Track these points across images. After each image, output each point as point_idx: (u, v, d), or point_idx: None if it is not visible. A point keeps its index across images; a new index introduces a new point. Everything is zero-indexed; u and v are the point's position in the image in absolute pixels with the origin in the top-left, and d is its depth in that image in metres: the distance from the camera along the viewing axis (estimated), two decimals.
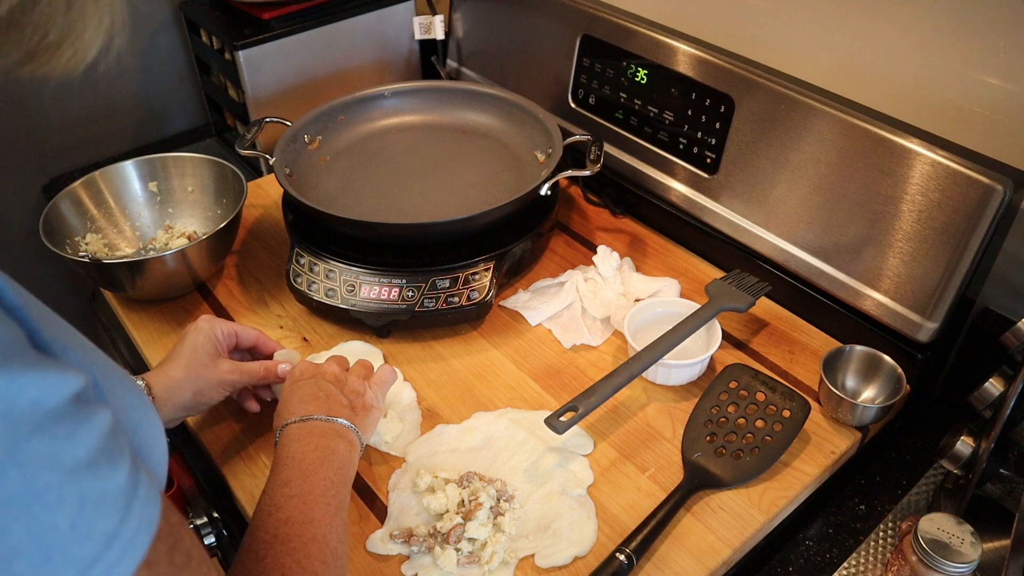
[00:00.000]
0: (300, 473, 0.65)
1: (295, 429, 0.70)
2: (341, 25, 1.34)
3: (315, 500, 0.62)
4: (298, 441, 0.69)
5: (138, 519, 0.35)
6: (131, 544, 0.34)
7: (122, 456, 0.36)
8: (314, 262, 0.96)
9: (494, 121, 1.16)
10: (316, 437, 0.69)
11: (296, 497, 0.62)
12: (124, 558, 0.34)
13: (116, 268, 0.94)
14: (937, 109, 0.86)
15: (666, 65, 1.03)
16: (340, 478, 0.67)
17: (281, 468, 0.66)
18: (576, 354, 0.94)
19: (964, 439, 0.75)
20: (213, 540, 0.87)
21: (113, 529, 0.34)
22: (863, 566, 0.76)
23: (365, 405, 0.76)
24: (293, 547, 0.57)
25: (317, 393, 0.74)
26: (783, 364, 0.92)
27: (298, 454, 0.67)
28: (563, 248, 1.10)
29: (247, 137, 1.06)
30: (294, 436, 0.69)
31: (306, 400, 0.73)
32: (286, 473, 0.65)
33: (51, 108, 1.40)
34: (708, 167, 1.02)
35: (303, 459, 0.66)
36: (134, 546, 0.34)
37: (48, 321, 0.39)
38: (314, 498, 0.63)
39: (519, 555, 0.72)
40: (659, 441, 0.83)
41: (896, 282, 0.85)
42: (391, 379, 0.82)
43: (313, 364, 0.79)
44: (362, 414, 0.75)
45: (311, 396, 0.73)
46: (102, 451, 0.34)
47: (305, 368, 0.78)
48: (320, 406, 0.72)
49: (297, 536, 0.58)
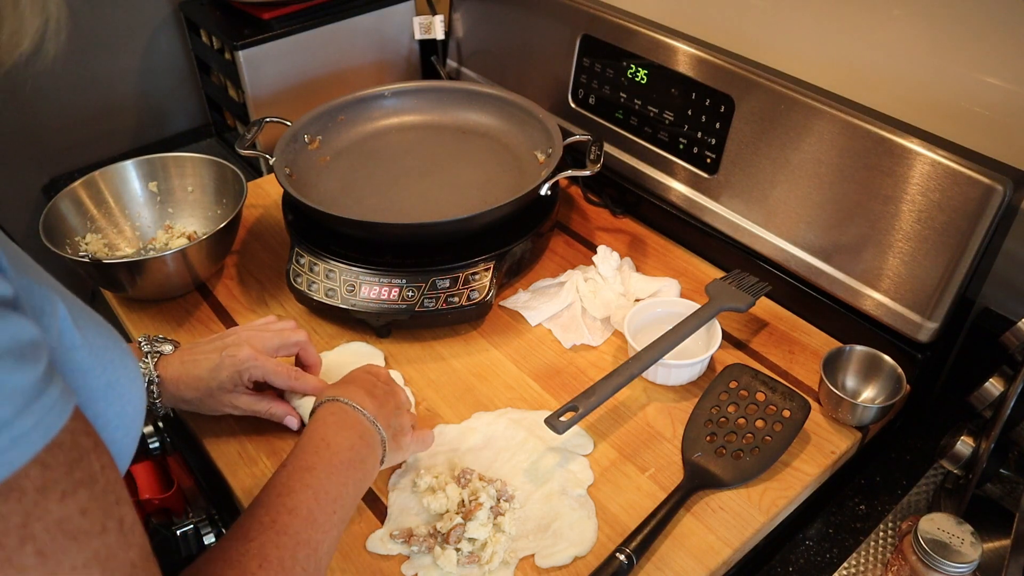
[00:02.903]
0: (327, 465, 0.62)
1: (344, 411, 0.68)
2: (341, 25, 1.34)
3: (327, 502, 0.60)
4: (340, 430, 0.66)
5: (34, 420, 0.36)
6: (21, 438, 0.35)
7: (35, 363, 0.36)
8: (314, 262, 0.96)
9: (494, 121, 1.16)
10: (356, 436, 0.67)
11: (311, 489, 0.60)
12: (12, 448, 0.35)
13: (116, 268, 0.94)
14: (937, 109, 0.86)
15: (666, 65, 1.03)
16: (356, 491, 0.65)
17: (311, 450, 0.63)
18: (576, 354, 0.94)
19: (964, 439, 0.75)
20: (213, 540, 0.87)
21: (5, 418, 0.35)
22: (863, 566, 0.76)
23: (400, 443, 0.74)
24: (284, 541, 0.55)
25: (375, 392, 0.72)
26: (783, 364, 0.92)
27: (335, 444, 0.65)
28: (563, 248, 1.10)
29: (247, 137, 1.06)
30: (339, 420, 0.67)
31: (366, 391, 0.72)
32: (314, 458, 0.63)
33: (51, 108, 1.40)
34: (708, 167, 1.02)
35: (337, 452, 0.64)
36: (25, 441, 0.35)
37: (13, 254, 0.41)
38: (328, 500, 0.60)
39: (519, 555, 0.72)
40: (659, 441, 0.83)
41: (896, 282, 0.85)
42: (428, 444, 0.80)
43: (389, 377, 0.78)
44: (394, 443, 0.73)
45: (371, 392, 0.72)
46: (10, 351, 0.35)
47: (383, 372, 0.77)
48: (374, 406, 0.71)
49: (294, 532, 0.56)
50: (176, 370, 0.79)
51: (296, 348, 0.85)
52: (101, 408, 0.44)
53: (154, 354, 0.80)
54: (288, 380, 0.81)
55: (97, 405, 0.44)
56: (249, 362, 0.78)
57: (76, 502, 0.37)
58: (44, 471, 0.36)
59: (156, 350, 0.81)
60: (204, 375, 0.79)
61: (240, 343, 0.80)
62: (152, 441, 0.97)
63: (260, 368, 0.79)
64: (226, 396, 0.80)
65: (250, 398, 0.81)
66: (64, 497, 0.37)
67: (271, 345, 0.82)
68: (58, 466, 0.37)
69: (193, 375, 0.79)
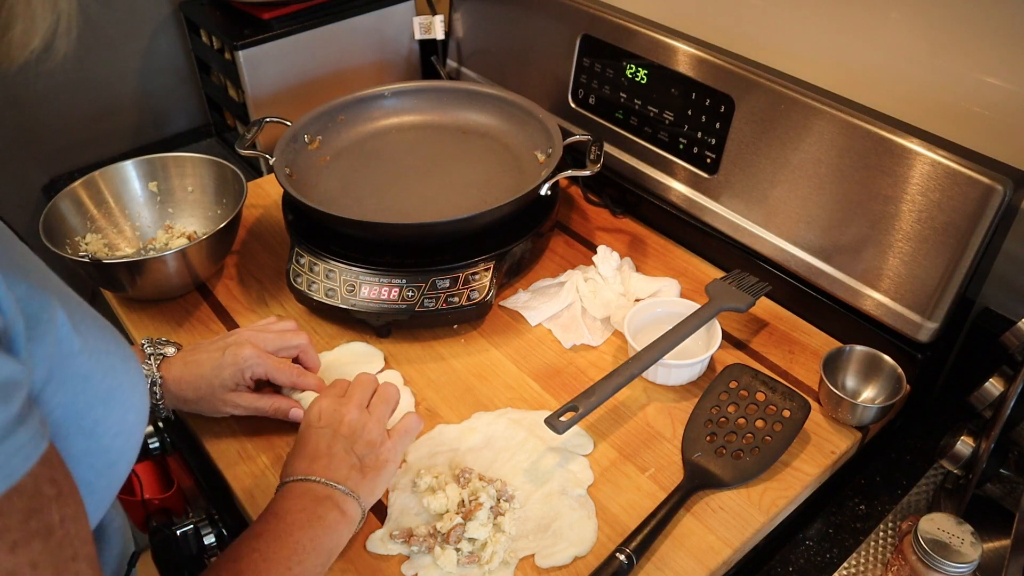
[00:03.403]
0: (275, 531, 0.63)
1: (293, 488, 0.68)
2: (341, 25, 1.34)
3: (277, 563, 0.61)
4: (288, 499, 0.67)
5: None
6: None
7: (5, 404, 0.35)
8: (314, 262, 0.96)
9: (494, 121, 1.16)
10: (308, 499, 0.67)
11: (258, 552, 0.61)
12: None
13: (116, 268, 0.94)
14: (937, 109, 0.86)
15: (666, 65, 1.03)
16: (315, 546, 0.64)
17: (260, 520, 0.65)
18: (576, 354, 0.94)
19: (964, 439, 0.75)
20: (213, 540, 0.87)
21: None
22: (863, 566, 0.76)
23: (378, 462, 0.72)
24: None
25: (326, 450, 0.71)
26: (783, 364, 0.92)
27: (281, 511, 0.65)
28: (563, 248, 1.10)
29: (247, 137, 1.06)
30: (287, 493, 0.68)
31: (312, 456, 0.70)
32: (262, 526, 0.64)
33: (51, 108, 1.40)
34: (708, 167, 1.02)
35: (284, 517, 0.65)
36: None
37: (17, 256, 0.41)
38: (277, 560, 0.61)
39: (519, 555, 0.72)
40: (659, 441, 0.83)
41: (896, 282, 0.85)
42: (415, 430, 0.78)
43: (333, 404, 0.74)
44: (371, 474, 0.71)
45: (318, 452, 0.71)
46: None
47: (323, 410, 0.74)
48: (323, 467, 0.69)
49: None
50: (179, 371, 0.80)
51: (296, 351, 0.85)
52: (101, 414, 0.43)
53: (157, 356, 0.81)
54: (291, 377, 0.82)
55: (97, 411, 0.43)
56: (252, 359, 0.79)
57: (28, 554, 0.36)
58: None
59: (159, 352, 0.81)
60: (207, 374, 0.79)
61: (242, 342, 0.80)
62: (152, 441, 0.98)
63: (262, 365, 0.80)
64: (228, 395, 0.80)
65: (252, 396, 0.81)
66: (15, 547, 0.35)
67: (272, 346, 0.82)
68: (14, 513, 0.35)
69: (195, 375, 0.79)
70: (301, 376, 0.83)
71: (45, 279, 0.43)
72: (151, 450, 0.98)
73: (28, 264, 0.43)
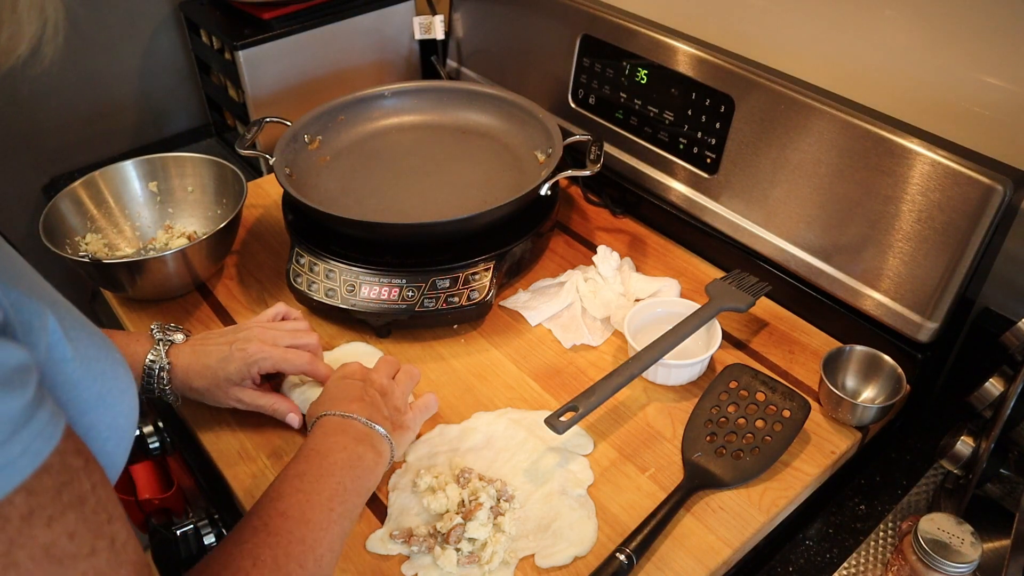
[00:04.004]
0: (317, 470, 0.64)
1: (332, 422, 0.69)
2: (341, 25, 1.34)
3: (320, 502, 0.62)
4: (330, 436, 0.68)
5: (22, 447, 0.36)
6: (7, 467, 0.35)
7: (23, 388, 0.36)
8: (314, 262, 0.96)
9: (494, 121, 1.16)
10: (349, 438, 0.68)
11: (302, 493, 0.61)
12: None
13: (116, 268, 0.94)
14: (937, 109, 0.86)
15: (666, 65, 1.03)
16: (356, 487, 0.66)
17: (301, 459, 0.65)
18: (576, 354, 0.94)
19: (964, 439, 0.75)
20: (213, 540, 0.87)
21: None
22: (863, 566, 0.76)
23: (403, 424, 0.76)
24: (276, 541, 0.56)
25: (363, 395, 0.73)
26: (783, 364, 0.92)
27: (324, 449, 0.66)
28: (563, 248, 1.10)
29: (247, 137, 1.06)
30: (328, 429, 0.69)
31: (351, 398, 0.73)
32: (304, 465, 0.64)
33: (51, 108, 1.40)
34: (708, 167, 1.02)
35: (327, 456, 0.66)
36: (11, 469, 0.35)
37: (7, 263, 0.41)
38: (321, 500, 0.62)
39: (519, 555, 0.72)
40: (659, 441, 0.83)
41: (896, 282, 0.85)
42: (432, 408, 0.82)
43: (363, 367, 0.78)
44: (399, 432, 0.75)
45: (357, 396, 0.73)
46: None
47: (356, 369, 0.78)
48: (363, 408, 0.72)
49: (287, 532, 0.57)
50: (187, 358, 0.80)
51: (305, 350, 0.85)
52: (92, 419, 0.44)
53: (166, 342, 0.81)
54: (304, 365, 0.82)
55: (88, 417, 0.44)
56: (258, 355, 0.80)
57: (64, 526, 0.37)
58: (30, 497, 0.36)
59: (168, 338, 0.82)
60: (213, 364, 0.80)
61: (251, 338, 0.81)
62: (152, 441, 0.98)
63: (270, 359, 0.80)
64: (233, 389, 0.80)
65: (255, 393, 0.82)
66: (51, 522, 0.37)
67: (282, 344, 0.83)
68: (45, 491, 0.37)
69: (203, 363, 0.80)
70: (313, 363, 0.82)
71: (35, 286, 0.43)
72: (151, 450, 0.98)
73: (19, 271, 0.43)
